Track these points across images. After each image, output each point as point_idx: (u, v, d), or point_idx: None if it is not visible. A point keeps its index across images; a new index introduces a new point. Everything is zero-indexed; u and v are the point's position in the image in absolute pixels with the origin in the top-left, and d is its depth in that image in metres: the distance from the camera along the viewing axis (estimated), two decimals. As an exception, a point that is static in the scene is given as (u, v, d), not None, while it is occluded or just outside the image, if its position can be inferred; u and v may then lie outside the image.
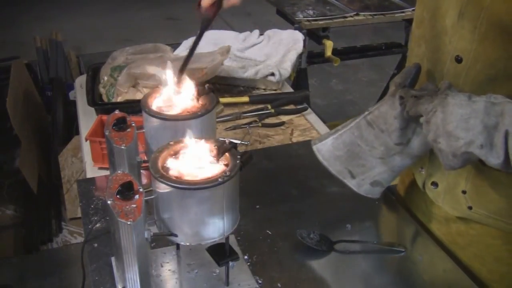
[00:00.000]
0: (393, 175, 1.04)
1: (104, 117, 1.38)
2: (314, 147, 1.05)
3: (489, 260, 1.05)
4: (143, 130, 1.03)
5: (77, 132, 2.80)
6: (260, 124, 1.56)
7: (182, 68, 1.05)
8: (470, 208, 1.01)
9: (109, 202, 0.81)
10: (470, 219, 1.03)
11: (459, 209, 1.03)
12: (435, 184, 1.06)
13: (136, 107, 1.10)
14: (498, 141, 0.79)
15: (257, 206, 1.20)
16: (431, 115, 0.85)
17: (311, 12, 2.66)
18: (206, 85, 1.04)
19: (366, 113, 0.99)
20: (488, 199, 0.99)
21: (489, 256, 1.05)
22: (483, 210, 1.00)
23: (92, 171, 1.36)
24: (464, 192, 1.01)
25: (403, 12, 2.65)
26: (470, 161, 0.84)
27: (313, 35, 2.65)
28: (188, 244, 0.89)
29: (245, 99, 1.67)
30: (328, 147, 1.03)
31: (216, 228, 0.86)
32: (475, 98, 0.82)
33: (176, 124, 0.98)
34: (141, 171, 1.03)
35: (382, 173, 1.02)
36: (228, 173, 0.83)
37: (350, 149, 1.01)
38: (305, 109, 1.64)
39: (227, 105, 1.65)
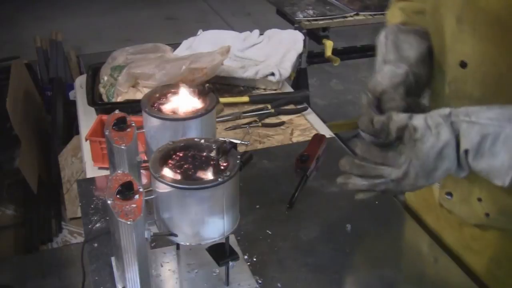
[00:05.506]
0: None
1: (104, 117, 1.38)
2: None
3: (507, 263, 1.02)
4: (143, 130, 1.03)
5: (77, 132, 2.80)
6: (260, 124, 1.56)
7: None
8: (487, 215, 0.99)
9: (109, 202, 0.81)
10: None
11: (475, 217, 1.01)
12: (449, 194, 1.04)
13: (136, 107, 1.10)
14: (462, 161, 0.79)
15: (257, 206, 1.20)
16: (407, 167, 0.81)
17: (311, 12, 2.65)
18: (206, 85, 1.04)
19: None
20: (504, 204, 0.96)
21: (507, 259, 1.02)
22: (500, 216, 0.98)
23: (92, 171, 1.36)
24: (479, 199, 0.98)
25: (403, 12, 2.64)
26: None
27: (313, 35, 2.65)
28: (188, 244, 0.89)
29: (245, 99, 1.67)
30: None
31: (216, 228, 0.86)
32: (437, 128, 0.79)
33: (176, 124, 0.98)
34: (141, 171, 1.03)
35: None
36: (228, 173, 0.83)
37: None
38: (305, 109, 1.64)
39: (227, 105, 1.65)
